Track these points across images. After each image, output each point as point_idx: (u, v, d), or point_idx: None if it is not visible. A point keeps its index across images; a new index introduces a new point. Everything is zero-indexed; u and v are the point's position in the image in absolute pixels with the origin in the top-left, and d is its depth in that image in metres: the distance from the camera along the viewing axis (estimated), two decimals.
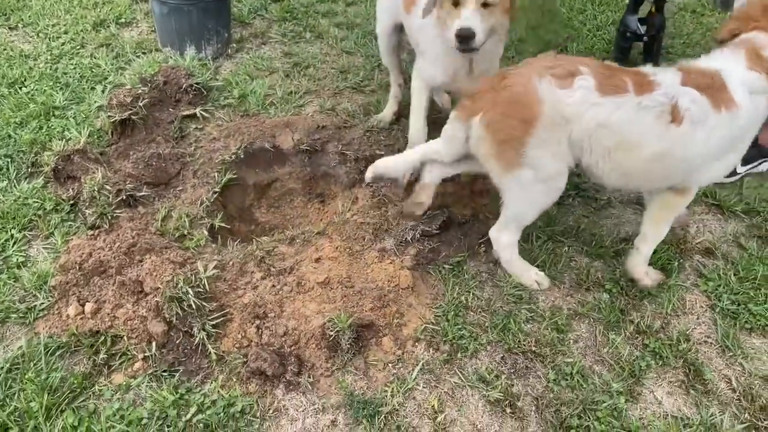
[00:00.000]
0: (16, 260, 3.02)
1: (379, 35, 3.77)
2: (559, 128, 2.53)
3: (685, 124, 2.47)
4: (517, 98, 2.53)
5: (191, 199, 3.36)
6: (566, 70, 2.51)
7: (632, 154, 2.56)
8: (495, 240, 2.96)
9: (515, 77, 2.57)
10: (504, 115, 2.56)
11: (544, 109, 2.49)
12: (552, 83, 2.49)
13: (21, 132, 3.67)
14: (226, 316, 2.76)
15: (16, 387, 2.54)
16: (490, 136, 2.60)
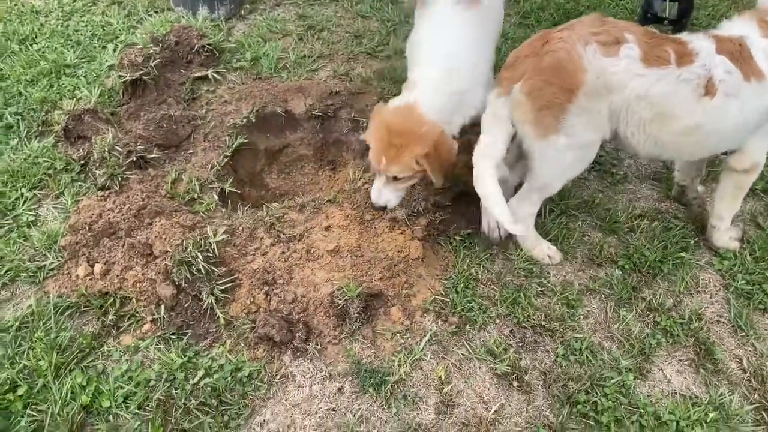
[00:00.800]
0: (26, 219, 3.01)
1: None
2: (601, 98, 2.47)
3: (719, 97, 2.41)
4: (561, 65, 2.44)
5: (202, 163, 3.32)
6: (612, 37, 2.42)
7: (667, 126, 2.51)
8: (514, 211, 2.86)
9: (559, 42, 2.47)
10: (546, 81, 2.47)
11: (587, 78, 2.42)
12: (597, 51, 2.41)
13: (31, 90, 3.63)
14: (234, 281, 2.75)
15: (25, 345, 2.56)
16: (530, 102, 2.51)
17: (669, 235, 3.02)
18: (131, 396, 2.42)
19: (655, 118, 2.48)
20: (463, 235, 3.02)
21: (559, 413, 2.43)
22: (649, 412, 2.42)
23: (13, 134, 3.41)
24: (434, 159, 2.73)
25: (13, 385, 2.43)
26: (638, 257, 2.94)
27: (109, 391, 2.42)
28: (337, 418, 2.41)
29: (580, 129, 2.52)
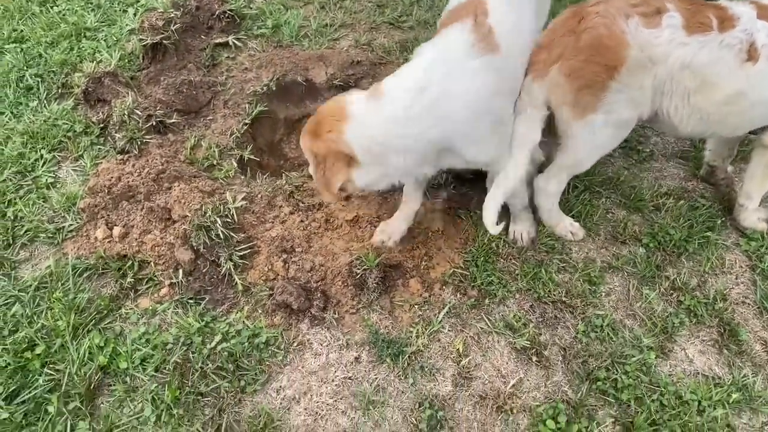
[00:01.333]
0: (46, 180, 3.00)
1: None
2: (645, 71, 2.37)
3: (762, 62, 2.33)
4: (601, 42, 2.33)
5: (221, 129, 3.29)
6: (653, 7, 2.32)
7: (711, 95, 2.43)
8: (541, 188, 2.79)
9: (596, 18, 2.35)
10: (586, 60, 2.35)
11: (631, 53, 2.31)
12: (640, 24, 2.30)
13: (52, 52, 3.61)
14: (253, 248, 2.73)
15: (43, 305, 2.57)
16: (570, 83, 2.40)
17: (695, 214, 2.95)
18: (148, 358, 2.42)
19: (699, 87, 2.39)
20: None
21: (578, 389, 2.40)
22: (671, 391, 2.38)
23: (33, 96, 3.40)
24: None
25: (31, 344, 2.44)
26: (663, 236, 2.88)
27: (126, 352, 2.42)
28: (354, 386, 2.40)
29: (620, 106, 2.44)
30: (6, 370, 2.35)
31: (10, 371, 2.35)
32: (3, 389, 2.31)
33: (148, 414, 2.28)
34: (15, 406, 2.28)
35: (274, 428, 2.27)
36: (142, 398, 2.32)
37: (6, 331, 2.47)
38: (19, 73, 3.49)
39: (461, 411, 2.35)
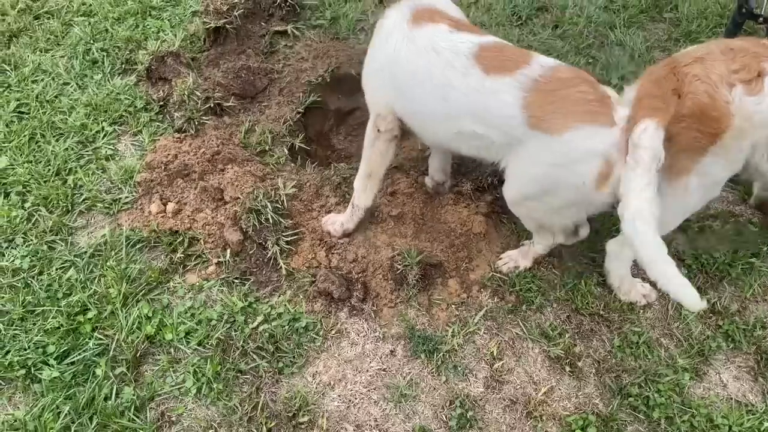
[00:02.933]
0: (105, 152, 3.12)
1: None
2: (746, 136, 2.27)
3: None
4: (705, 111, 2.19)
5: (275, 116, 3.37)
6: (753, 71, 2.20)
7: None
8: (615, 253, 2.63)
9: (697, 83, 2.19)
10: (687, 127, 2.23)
11: (735, 122, 2.20)
12: (743, 92, 2.18)
13: (118, 28, 3.73)
14: (299, 235, 2.80)
15: (97, 272, 2.68)
16: (667, 147, 2.24)
17: (741, 239, 2.93)
18: (192, 332, 2.51)
19: None
20: None
21: (609, 403, 2.42)
22: (702, 413, 2.38)
23: (98, 69, 3.52)
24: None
25: (84, 308, 2.55)
26: (706, 258, 2.86)
27: (172, 324, 2.52)
28: (387, 378, 2.45)
29: (717, 168, 2.35)
30: (59, 331, 2.46)
31: (63, 332, 2.47)
32: (55, 349, 2.42)
33: (189, 386, 2.37)
34: (65, 366, 2.39)
35: (308, 411, 2.34)
36: (184, 370, 2.41)
37: (60, 294, 2.59)
38: (85, 46, 3.61)
39: (491, 413, 2.40)
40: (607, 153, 2.17)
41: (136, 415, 2.29)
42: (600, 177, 2.20)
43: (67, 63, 3.55)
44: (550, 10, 4.20)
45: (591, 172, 2.20)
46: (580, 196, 2.30)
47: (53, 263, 2.69)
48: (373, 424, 2.34)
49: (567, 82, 2.21)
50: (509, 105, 2.22)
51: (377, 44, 2.60)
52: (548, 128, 2.19)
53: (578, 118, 2.17)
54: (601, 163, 2.18)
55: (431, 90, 2.38)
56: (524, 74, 2.21)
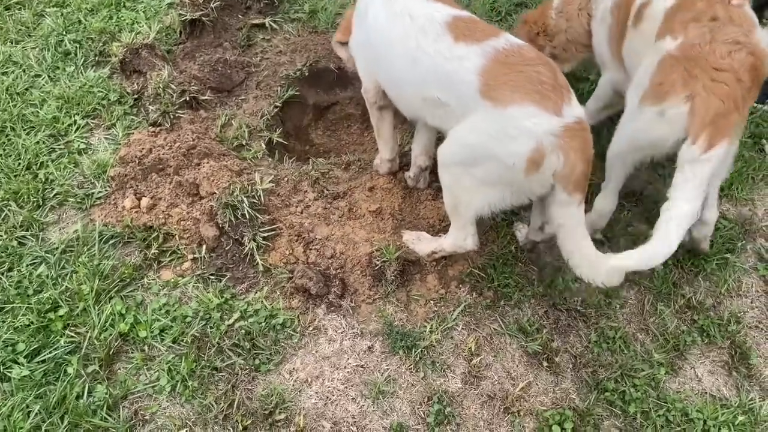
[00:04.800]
0: (78, 146, 3.06)
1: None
2: None
3: None
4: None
5: (252, 110, 3.33)
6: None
7: None
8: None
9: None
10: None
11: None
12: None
13: (91, 19, 3.65)
14: (276, 230, 2.76)
15: (68, 268, 2.63)
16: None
17: (716, 235, 2.95)
18: (167, 329, 2.47)
19: None
20: (506, 212, 2.98)
21: (586, 398, 2.43)
22: (677, 408, 2.41)
23: (71, 61, 3.44)
24: None
25: (55, 305, 2.50)
26: (682, 253, 2.89)
27: (146, 322, 2.48)
28: (365, 375, 2.44)
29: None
30: (29, 329, 2.41)
31: (33, 330, 2.41)
32: (25, 347, 2.37)
33: (163, 383, 2.33)
34: (35, 365, 2.34)
35: (285, 408, 2.32)
36: (158, 368, 2.38)
37: (31, 291, 2.53)
38: (58, 38, 3.53)
39: (469, 409, 2.39)
40: (543, 139, 2.13)
41: (109, 413, 2.25)
42: (530, 162, 2.16)
43: (39, 55, 3.47)
44: (529, 6, 4.19)
45: (522, 154, 2.15)
46: (507, 176, 2.26)
47: (23, 259, 2.63)
48: (351, 421, 2.33)
49: (528, 60, 2.21)
50: (468, 70, 2.22)
51: (359, 13, 2.67)
52: (495, 98, 2.17)
53: (526, 95, 2.14)
54: (534, 147, 2.14)
55: (403, 54, 2.40)
56: (490, 45, 2.23)
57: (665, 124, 2.31)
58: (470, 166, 2.32)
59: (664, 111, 2.29)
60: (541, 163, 2.16)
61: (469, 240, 2.59)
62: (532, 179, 2.22)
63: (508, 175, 2.24)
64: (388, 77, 2.61)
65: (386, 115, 2.88)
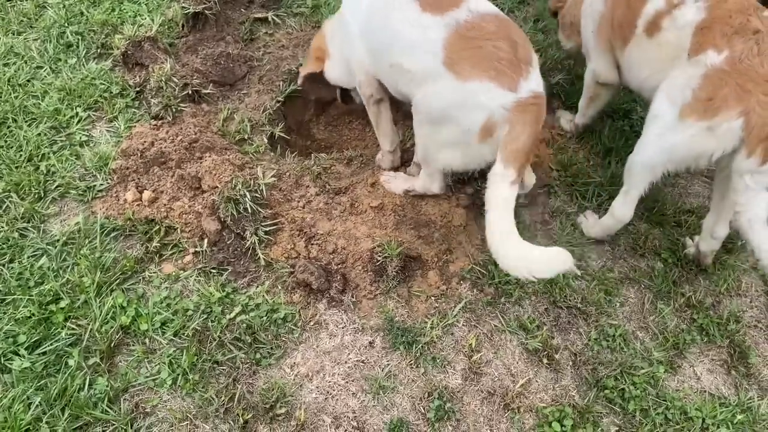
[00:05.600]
0: (79, 138, 3.04)
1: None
2: None
3: None
4: None
5: (254, 105, 3.32)
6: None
7: None
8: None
9: None
10: None
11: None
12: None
13: (93, 11, 3.63)
14: (278, 225, 2.76)
15: (70, 261, 2.62)
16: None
17: None
18: (168, 322, 2.47)
19: None
20: None
21: (586, 395, 2.44)
22: (676, 406, 2.42)
23: (72, 53, 3.43)
24: None
25: (56, 297, 2.50)
26: (682, 252, 2.90)
27: (147, 315, 2.48)
28: (366, 370, 2.44)
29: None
30: (30, 321, 2.41)
31: (34, 322, 2.41)
32: (26, 339, 2.37)
33: (164, 377, 2.33)
34: (36, 356, 2.34)
35: (286, 402, 2.32)
36: (159, 361, 2.38)
37: (32, 283, 2.53)
38: (60, 29, 3.51)
39: (469, 405, 2.40)
40: (495, 112, 2.33)
41: (110, 406, 2.25)
42: (483, 130, 2.38)
43: (41, 46, 3.45)
44: (531, 3, 4.20)
45: (477, 122, 2.37)
46: (464, 139, 2.46)
47: (25, 251, 2.62)
48: (351, 416, 2.33)
49: (488, 34, 2.37)
50: (433, 42, 2.40)
51: (339, 21, 2.86)
52: (457, 72, 2.37)
53: (483, 72, 2.33)
54: (487, 118, 2.35)
55: (379, 27, 2.61)
56: (452, 16, 2.40)
57: (714, 138, 2.33)
58: (436, 125, 2.53)
59: (714, 126, 2.31)
60: (493, 132, 2.38)
61: (435, 185, 2.83)
62: (484, 146, 2.43)
63: (465, 139, 2.45)
64: (375, 62, 2.74)
65: (383, 109, 3.00)
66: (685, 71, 2.42)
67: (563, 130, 3.41)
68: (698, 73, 2.36)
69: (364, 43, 2.73)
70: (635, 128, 3.35)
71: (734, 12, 2.37)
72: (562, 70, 3.69)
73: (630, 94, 3.47)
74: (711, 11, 2.42)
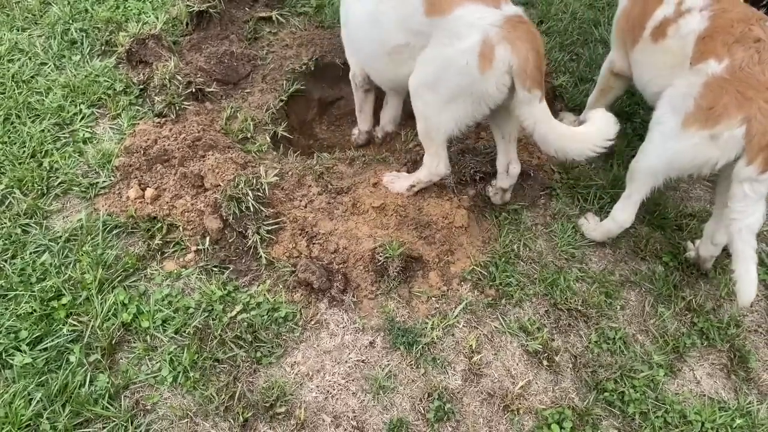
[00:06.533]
0: (83, 135, 3.05)
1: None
2: None
3: None
4: None
5: (258, 104, 3.33)
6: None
7: None
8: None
9: None
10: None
11: None
12: None
13: (98, 8, 3.64)
14: (279, 224, 2.77)
15: (72, 257, 2.63)
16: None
17: None
18: (169, 320, 2.48)
19: None
20: (509, 210, 3.00)
21: (585, 398, 2.45)
22: (676, 409, 2.42)
23: (77, 50, 3.44)
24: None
25: (58, 294, 2.50)
26: (683, 256, 2.90)
27: (148, 312, 2.48)
28: (366, 370, 2.45)
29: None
30: (32, 317, 2.41)
31: (36, 318, 2.42)
32: (27, 334, 2.37)
33: (165, 374, 2.34)
34: (37, 352, 2.35)
35: (286, 401, 2.33)
36: (160, 358, 2.38)
37: (34, 279, 2.53)
38: (64, 26, 3.52)
39: (468, 406, 2.40)
40: (488, 30, 2.34)
41: (110, 403, 2.26)
42: (481, 57, 2.35)
43: (45, 43, 3.46)
44: (535, 6, 4.20)
45: (472, 48, 2.36)
46: (466, 81, 2.44)
47: (27, 247, 2.63)
48: (351, 415, 2.34)
49: None
50: (415, 3, 2.46)
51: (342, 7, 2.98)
52: (439, 10, 2.41)
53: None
54: (480, 39, 2.34)
55: (367, 23, 2.70)
56: None
57: (716, 147, 2.34)
58: (433, 85, 2.54)
59: (716, 135, 2.32)
60: (492, 57, 2.35)
61: (441, 165, 2.82)
62: (488, 78, 2.40)
63: (466, 79, 2.44)
64: (365, 57, 2.93)
65: (369, 97, 3.28)
66: (687, 79, 2.43)
67: None
68: (700, 81, 2.37)
69: (358, 47, 2.94)
70: (638, 131, 3.34)
71: (736, 21, 2.38)
72: (566, 72, 3.69)
73: (633, 97, 3.48)
74: (714, 20, 2.43)
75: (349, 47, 3.05)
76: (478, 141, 3.28)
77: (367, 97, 3.25)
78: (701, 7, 2.50)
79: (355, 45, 2.98)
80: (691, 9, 2.51)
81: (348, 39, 3.02)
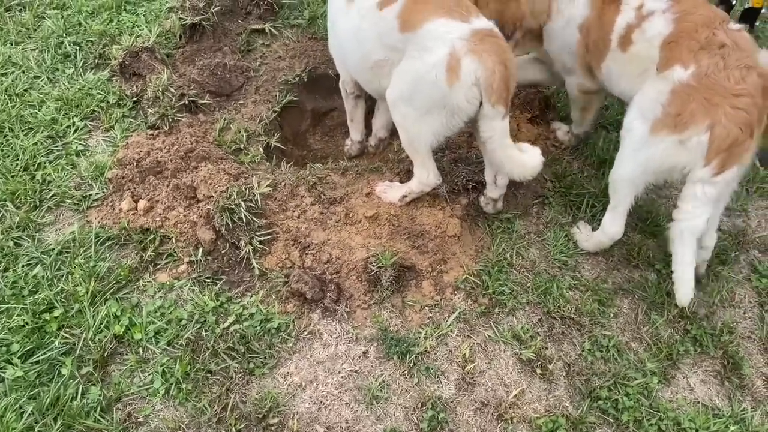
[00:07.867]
0: (76, 148, 3.06)
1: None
2: None
3: None
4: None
5: (251, 115, 3.34)
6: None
7: None
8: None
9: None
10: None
11: None
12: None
13: (91, 22, 3.66)
14: (272, 234, 2.77)
15: (64, 270, 2.63)
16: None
17: None
18: (162, 332, 2.48)
19: None
20: (501, 219, 3.01)
21: (579, 406, 2.44)
22: (670, 417, 2.42)
23: (70, 63, 3.45)
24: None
25: (50, 306, 2.50)
26: None
27: (141, 324, 2.48)
28: (359, 380, 2.44)
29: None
30: (23, 329, 2.41)
31: (28, 331, 2.41)
32: (19, 347, 2.37)
33: (157, 386, 2.33)
34: (29, 365, 2.34)
35: (279, 412, 2.32)
36: (153, 370, 2.38)
37: (26, 291, 2.53)
38: (58, 40, 3.54)
39: (462, 415, 2.40)
40: (455, 44, 2.38)
41: (102, 415, 2.25)
42: (449, 70, 2.39)
43: (39, 56, 3.48)
44: None
45: (440, 62, 2.40)
46: (436, 95, 2.48)
47: (19, 260, 2.63)
48: (344, 425, 2.33)
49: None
50: (390, 20, 2.52)
51: (329, 20, 3.04)
52: (411, 26, 2.47)
53: (434, 13, 2.43)
54: (448, 52, 2.39)
55: (352, 38, 2.75)
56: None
57: (685, 152, 2.39)
58: (409, 99, 2.58)
59: (684, 140, 2.37)
60: (459, 70, 2.39)
61: (431, 176, 2.82)
62: (457, 91, 2.43)
63: (437, 93, 2.47)
64: (352, 68, 2.97)
65: (360, 104, 3.27)
66: (654, 86, 2.47)
67: (558, 141, 3.43)
68: (666, 88, 2.40)
69: (344, 59, 3.01)
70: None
71: (700, 25, 2.41)
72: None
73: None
74: (678, 23, 2.47)
75: (337, 58, 3.11)
76: (470, 150, 3.28)
77: (357, 104, 3.27)
78: (663, 9, 2.53)
79: (341, 57, 3.05)
80: (654, 11, 2.55)
81: (335, 51, 3.09)
